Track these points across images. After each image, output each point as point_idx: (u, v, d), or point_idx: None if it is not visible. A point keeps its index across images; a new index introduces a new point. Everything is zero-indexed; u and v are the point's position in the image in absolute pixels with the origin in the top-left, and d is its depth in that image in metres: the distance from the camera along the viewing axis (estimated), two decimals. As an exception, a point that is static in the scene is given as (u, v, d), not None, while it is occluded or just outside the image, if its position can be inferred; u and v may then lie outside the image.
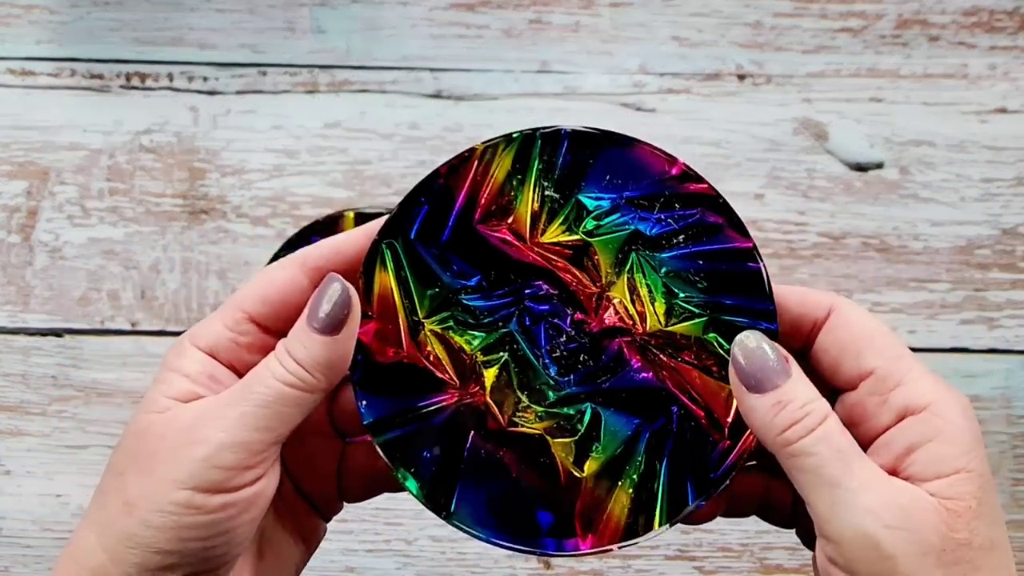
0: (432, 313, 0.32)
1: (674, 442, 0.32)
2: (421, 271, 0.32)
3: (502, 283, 0.33)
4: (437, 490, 0.32)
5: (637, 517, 0.32)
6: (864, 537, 0.26)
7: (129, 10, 0.59)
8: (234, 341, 0.29)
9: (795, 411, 0.27)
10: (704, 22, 0.59)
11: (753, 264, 0.31)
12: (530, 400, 0.33)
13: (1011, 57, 0.59)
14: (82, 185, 0.58)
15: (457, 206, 0.33)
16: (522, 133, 0.32)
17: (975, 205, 0.58)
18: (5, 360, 0.57)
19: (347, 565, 0.56)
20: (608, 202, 0.32)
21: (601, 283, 0.33)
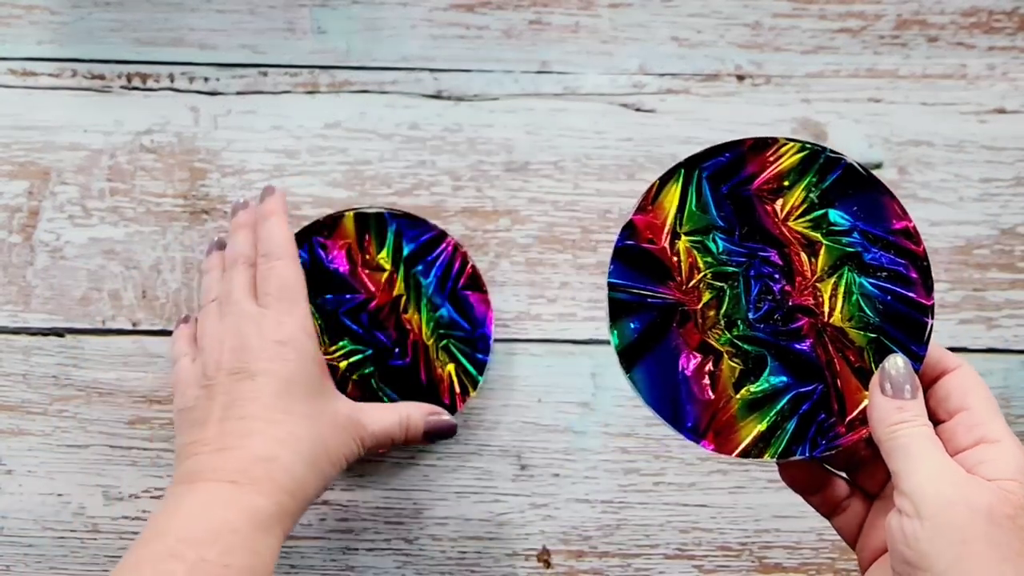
0: (691, 232, 0.42)
1: (808, 409, 0.41)
2: (700, 199, 0.42)
3: (749, 237, 0.42)
4: (629, 352, 0.42)
5: (755, 447, 0.41)
6: (936, 492, 0.35)
7: (130, 11, 0.59)
8: None
9: (906, 415, 0.37)
10: (703, 22, 0.59)
11: (925, 318, 0.41)
12: (725, 325, 0.42)
13: (1010, 57, 0.59)
14: (83, 185, 0.58)
15: (746, 171, 0.42)
16: (815, 146, 0.42)
17: (974, 205, 0.58)
18: (6, 360, 0.57)
19: (347, 564, 0.56)
20: (847, 224, 0.42)
21: (815, 274, 0.42)
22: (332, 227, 0.53)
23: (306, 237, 0.53)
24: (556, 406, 0.56)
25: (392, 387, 0.53)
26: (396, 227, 0.53)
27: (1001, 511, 0.34)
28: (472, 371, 0.53)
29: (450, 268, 0.53)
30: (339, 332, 0.53)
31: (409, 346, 0.53)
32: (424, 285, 0.53)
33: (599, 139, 0.58)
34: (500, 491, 0.56)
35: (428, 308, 0.53)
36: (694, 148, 0.57)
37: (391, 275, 0.53)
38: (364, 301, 0.53)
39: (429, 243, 0.53)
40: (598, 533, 0.56)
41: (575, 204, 0.58)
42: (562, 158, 0.58)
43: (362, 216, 0.53)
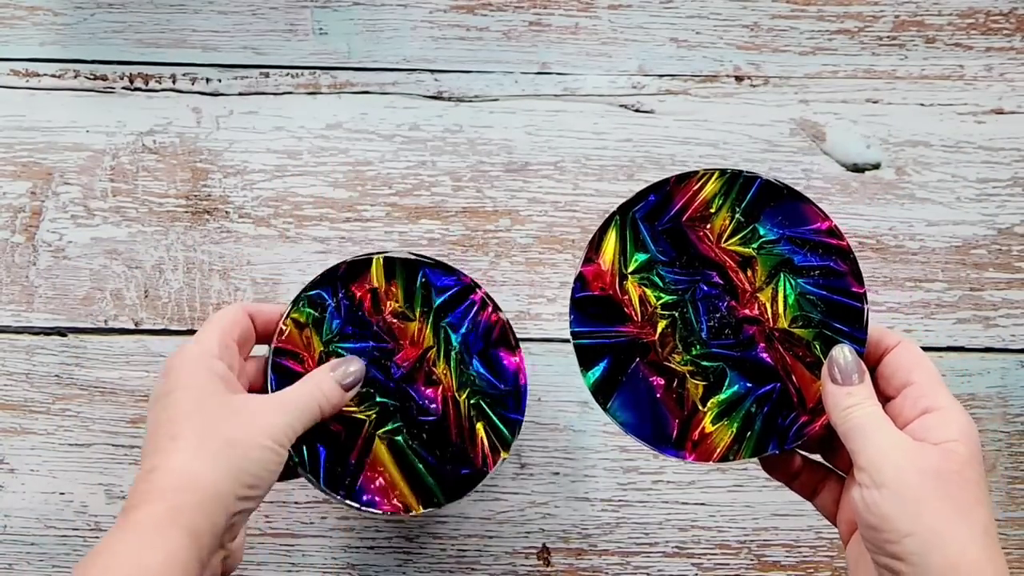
0: (636, 272, 0.46)
1: (770, 407, 0.45)
2: (638, 240, 0.46)
3: (689, 265, 0.46)
4: (603, 389, 0.46)
5: (731, 450, 0.45)
6: (887, 461, 0.38)
7: (132, 12, 0.59)
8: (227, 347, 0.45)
9: (855, 399, 0.41)
10: (702, 24, 0.59)
11: (861, 305, 0.45)
12: (683, 348, 0.46)
13: (1007, 58, 0.59)
14: (85, 185, 0.58)
15: (675, 206, 0.46)
16: (731, 170, 0.46)
17: (971, 205, 0.58)
18: (9, 359, 0.57)
19: (348, 562, 0.56)
20: (775, 234, 0.46)
21: (754, 286, 0.46)
22: (358, 272, 0.49)
23: (331, 281, 0.48)
24: (556, 405, 0.57)
25: (421, 444, 0.48)
26: (424, 277, 0.49)
27: (947, 468, 0.38)
28: (503, 430, 0.48)
29: (478, 323, 0.49)
30: (365, 383, 0.48)
31: (439, 400, 0.48)
32: (454, 338, 0.49)
33: (598, 140, 0.59)
34: (500, 489, 0.56)
35: (458, 362, 0.49)
36: (693, 148, 0.58)
37: (420, 325, 0.49)
38: (391, 351, 0.48)
39: (459, 295, 0.49)
40: (598, 531, 0.56)
41: (575, 204, 0.58)
42: (562, 158, 0.58)
43: (391, 262, 0.49)
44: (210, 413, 0.42)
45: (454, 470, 0.48)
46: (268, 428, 0.42)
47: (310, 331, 0.48)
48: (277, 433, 0.43)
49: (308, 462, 0.46)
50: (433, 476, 0.47)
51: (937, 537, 0.37)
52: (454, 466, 0.48)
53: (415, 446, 0.48)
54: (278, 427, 0.43)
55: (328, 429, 0.47)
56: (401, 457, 0.48)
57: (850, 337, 0.44)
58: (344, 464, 0.47)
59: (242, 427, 0.42)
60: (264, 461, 0.42)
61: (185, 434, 0.41)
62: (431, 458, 0.48)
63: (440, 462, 0.48)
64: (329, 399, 0.45)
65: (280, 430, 0.43)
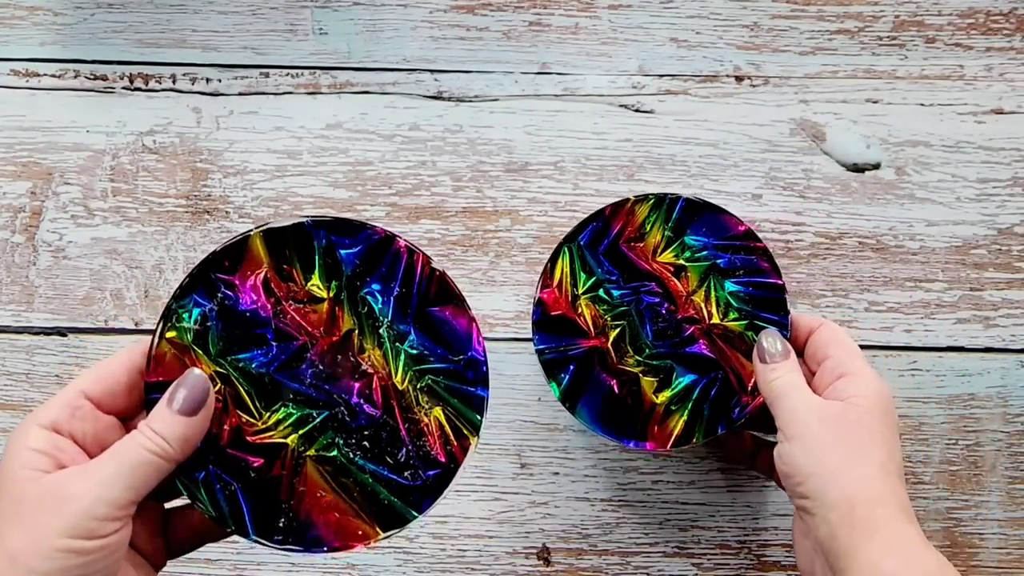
0: (586, 292, 0.51)
1: (716, 393, 0.49)
2: (585, 264, 0.51)
3: (631, 279, 0.51)
4: (570, 395, 0.49)
5: (684, 435, 0.49)
6: (795, 414, 0.43)
7: (132, 12, 0.59)
8: (72, 415, 0.36)
9: (779, 372, 0.46)
10: (702, 24, 0.59)
11: (780, 295, 0.50)
12: (633, 352, 0.50)
13: (1007, 58, 0.59)
14: (85, 185, 0.58)
15: (613, 230, 0.51)
16: (657, 195, 0.51)
17: (971, 205, 0.58)
18: (9, 359, 0.57)
19: (348, 562, 0.56)
20: (700, 243, 0.51)
21: (688, 290, 0.51)
22: (236, 256, 0.39)
23: (203, 277, 0.39)
24: (556, 405, 0.57)
25: (365, 455, 0.39)
26: (325, 240, 0.39)
27: (847, 417, 0.42)
28: (466, 411, 0.40)
29: (409, 281, 0.40)
30: (276, 396, 0.39)
31: (376, 395, 0.39)
32: (379, 310, 0.40)
33: (598, 140, 0.59)
34: (500, 489, 0.56)
35: (391, 339, 0.40)
36: (693, 148, 0.58)
37: (332, 305, 0.39)
38: (301, 348, 0.39)
39: (373, 253, 0.40)
40: (598, 531, 0.56)
41: (575, 204, 0.58)
42: (562, 159, 0.58)
43: (274, 233, 0.39)
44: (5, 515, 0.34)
45: (416, 475, 0.39)
46: (71, 517, 0.33)
47: (192, 350, 0.38)
48: (82, 521, 0.33)
49: (229, 512, 0.38)
50: (390, 489, 0.39)
51: (833, 475, 0.41)
52: (414, 471, 0.39)
53: (357, 459, 0.39)
54: (85, 510, 0.33)
55: (242, 466, 0.38)
56: (343, 476, 0.39)
57: (775, 323, 0.50)
58: (273, 503, 0.38)
59: (30, 529, 0.33)
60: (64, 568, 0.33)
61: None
62: (382, 468, 0.39)
63: (395, 470, 0.39)
64: (166, 438, 0.35)
65: (88, 513, 0.33)
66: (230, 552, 0.56)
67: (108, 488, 0.34)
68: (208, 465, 0.38)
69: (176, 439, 0.36)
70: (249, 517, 0.38)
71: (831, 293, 0.58)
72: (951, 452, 0.57)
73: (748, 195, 0.58)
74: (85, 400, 0.36)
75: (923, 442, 0.57)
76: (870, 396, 0.43)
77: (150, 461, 0.35)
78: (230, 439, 0.38)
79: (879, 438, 0.42)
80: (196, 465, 0.37)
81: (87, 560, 0.33)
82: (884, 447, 0.42)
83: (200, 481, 0.37)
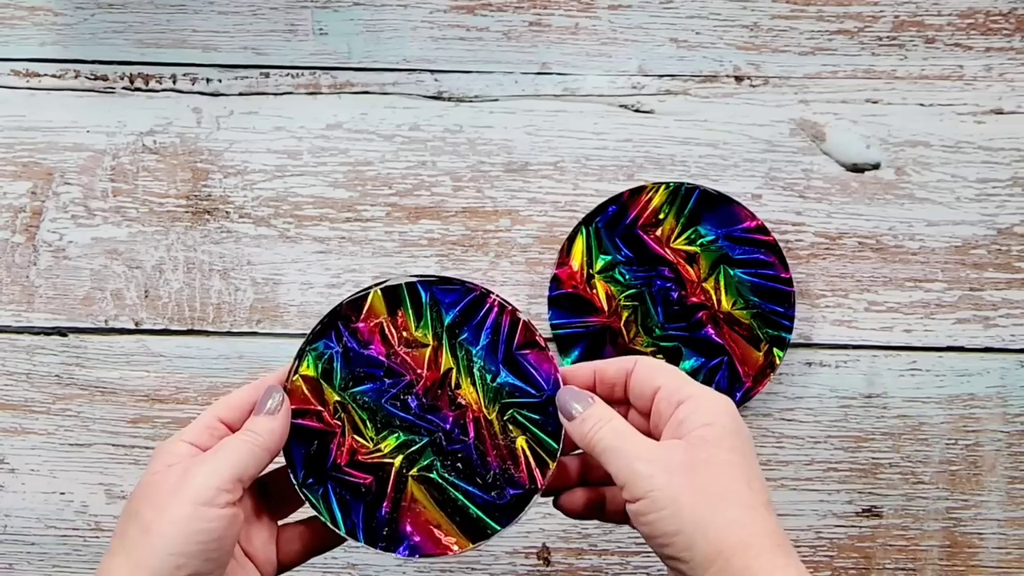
0: (601, 271, 0.56)
1: (720, 377, 0.55)
2: (600, 245, 0.56)
3: (645, 263, 0.56)
4: None
5: None
6: (633, 471, 0.39)
7: (133, 12, 0.59)
8: (210, 433, 0.43)
9: (593, 423, 0.42)
10: (702, 24, 0.59)
11: (789, 288, 0.55)
12: (644, 333, 0.56)
13: (1007, 58, 0.59)
14: (86, 185, 0.58)
15: (630, 215, 0.56)
16: (674, 183, 0.56)
17: (971, 205, 0.58)
18: (10, 359, 0.57)
19: (348, 562, 0.56)
20: (713, 234, 0.56)
21: (700, 277, 0.56)
22: (359, 308, 0.46)
23: (332, 325, 0.46)
24: (556, 405, 0.57)
25: (458, 475, 0.45)
26: (430, 297, 0.47)
27: (694, 459, 0.39)
28: (546, 439, 0.45)
29: (498, 329, 0.46)
30: (387, 423, 0.46)
31: (470, 424, 0.46)
32: (474, 353, 0.46)
33: (598, 140, 0.59)
34: (500, 489, 0.56)
35: (482, 378, 0.46)
36: (692, 148, 0.58)
37: (435, 349, 0.46)
38: (408, 384, 0.46)
39: (471, 307, 0.47)
40: (598, 531, 0.56)
41: (575, 204, 0.58)
42: (562, 158, 0.58)
43: (391, 291, 0.47)
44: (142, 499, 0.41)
45: (500, 494, 0.45)
46: (191, 489, 0.40)
47: (320, 384, 0.46)
48: (199, 492, 0.40)
49: (343, 521, 0.45)
50: (478, 506, 0.45)
51: (698, 529, 0.37)
52: (499, 491, 0.45)
53: (452, 479, 0.45)
54: (201, 483, 0.40)
55: (355, 482, 0.45)
56: (439, 493, 0.45)
57: (782, 315, 0.55)
58: (378, 514, 0.45)
59: (161, 505, 0.40)
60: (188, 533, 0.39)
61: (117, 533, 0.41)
62: (472, 488, 0.45)
63: (483, 489, 0.45)
64: (256, 432, 0.43)
65: (204, 484, 0.40)
66: (230, 552, 0.56)
67: (218, 467, 0.40)
68: (328, 481, 0.45)
69: (264, 431, 0.42)
70: (360, 526, 0.45)
71: (831, 293, 0.58)
72: (951, 452, 0.57)
73: (748, 195, 0.58)
74: (219, 423, 0.43)
75: (923, 442, 0.57)
76: (715, 421, 0.39)
77: (247, 447, 0.42)
78: (347, 459, 0.45)
79: (735, 470, 0.39)
80: (319, 481, 0.45)
81: (206, 528, 0.39)
82: (742, 479, 0.39)
83: (320, 495, 0.44)
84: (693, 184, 0.55)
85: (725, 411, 0.40)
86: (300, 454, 0.45)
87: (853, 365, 0.57)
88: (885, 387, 0.57)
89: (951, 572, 0.57)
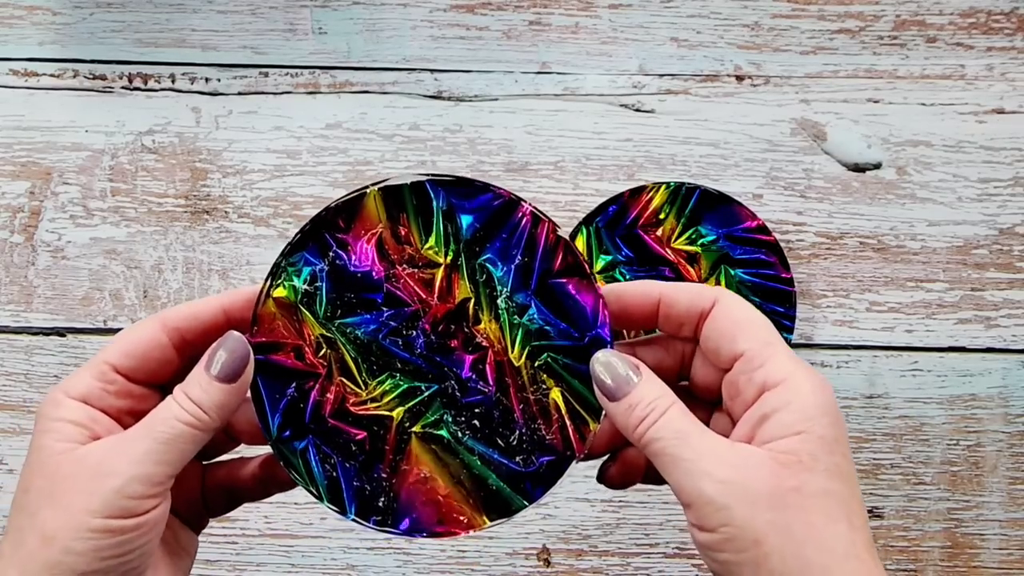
0: (602, 271, 0.55)
1: None
2: (602, 244, 0.55)
3: (646, 263, 0.55)
4: None
5: None
6: (702, 495, 0.30)
7: (131, 12, 0.59)
8: (103, 390, 0.33)
9: (643, 410, 0.32)
10: (702, 23, 0.59)
11: (790, 288, 0.55)
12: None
13: (1008, 58, 0.59)
14: (85, 185, 0.58)
15: (630, 215, 0.55)
16: (675, 183, 0.55)
17: (972, 205, 0.58)
18: (8, 359, 0.57)
19: (348, 563, 0.56)
20: (714, 234, 0.56)
21: (701, 277, 0.55)
22: (351, 214, 0.36)
23: (317, 234, 0.36)
24: (556, 405, 0.57)
25: (475, 435, 0.36)
26: (444, 202, 0.36)
27: (784, 487, 0.30)
28: (587, 394, 0.36)
29: (532, 248, 0.36)
30: (385, 366, 0.36)
31: (490, 370, 0.36)
32: (498, 279, 0.36)
33: (599, 139, 0.58)
34: (500, 490, 0.56)
35: (509, 311, 0.36)
36: (693, 148, 0.58)
37: (448, 271, 0.36)
38: (413, 315, 0.36)
39: (496, 217, 0.36)
40: (598, 532, 0.56)
41: (575, 204, 0.58)
42: (562, 158, 0.58)
43: (392, 191, 0.36)
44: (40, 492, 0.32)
45: (528, 460, 0.36)
46: (105, 496, 0.31)
47: (300, 310, 0.36)
48: (117, 500, 0.31)
49: (327, 488, 0.35)
50: (499, 474, 0.36)
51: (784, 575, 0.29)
52: (526, 456, 0.36)
53: (466, 439, 0.36)
54: (119, 489, 0.31)
55: (344, 439, 0.36)
56: (450, 456, 0.36)
57: (782, 315, 0.55)
58: (374, 480, 0.36)
59: (65, 508, 0.31)
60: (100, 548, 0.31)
61: (10, 530, 0.32)
62: (492, 451, 0.36)
63: (506, 454, 0.36)
64: (202, 406, 0.33)
65: (122, 492, 0.31)
66: (229, 552, 0.56)
67: (143, 465, 0.31)
68: (308, 435, 0.35)
69: (214, 407, 0.33)
70: (348, 494, 0.35)
71: (832, 293, 0.58)
72: (952, 452, 0.57)
73: (749, 195, 0.58)
74: (117, 375, 0.34)
75: (924, 442, 0.57)
76: (810, 429, 0.31)
77: (186, 434, 0.32)
78: (333, 408, 0.35)
79: (834, 504, 0.30)
80: (297, 434, 0.35)
81: (124, 539, 0.31)
82: (842, 516, 0.30)
83: (299, 451, 0.34)
84: (694, 184, 0.55)
85: (824, 410, 0.31)
86: (272, 399, 0.35)
87: (854, 365, 0.57)
88: (886, 387, 0.57)
89: (952, 573, 0.57)
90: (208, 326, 0.35)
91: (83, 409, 0.33)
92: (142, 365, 0.34)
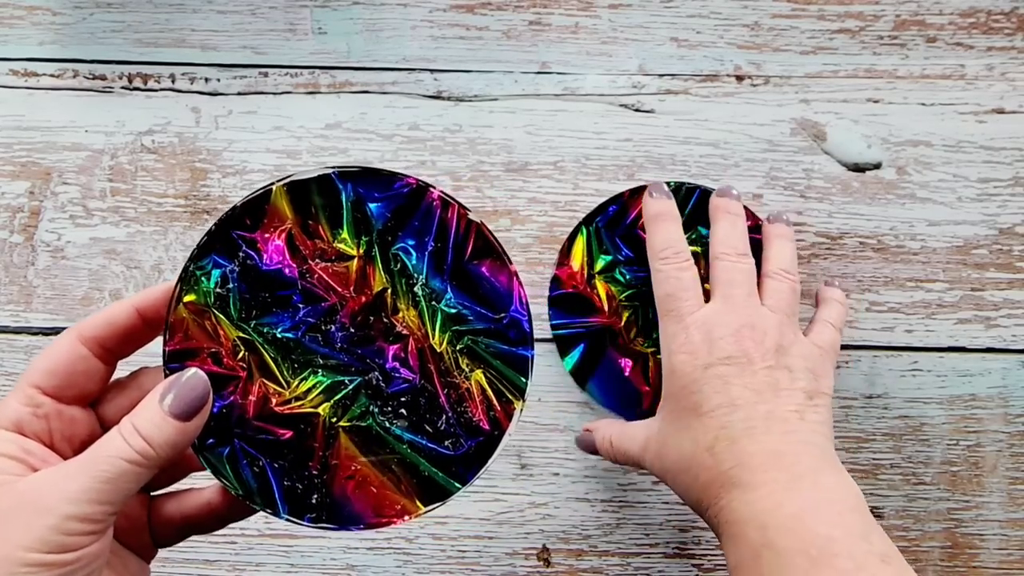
0: (602, 271, 0.55)
1: None
2: (601, 245, 0.55)
3: (645, 264, 0.52)
4: (580, 372, 0.54)
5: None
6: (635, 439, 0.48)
7: (131, 11, 0.59)
8: (33, 414, 0.32)
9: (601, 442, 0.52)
10: (702, 23, 0.59)
11: None
12: (644, 333, 0.54)
13: (1008, 58, 0.59)
14: (84, 185, 0.58)
15: (631, 215, 0.55)
16: (675, 183, 0.55)
17: (972, 205, 0.58)
18: (7, 360, 0.57)
19: (347, 563, 0.56)
20: None
21: (701, 277, 0.51)
22: (257, 212, 0.36)
23: (225, 235, 0.36)
24: (556, 405, 0.57)
25: (402, 424, 0.36)
26: (352, 193, 0.36)
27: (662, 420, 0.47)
28: (509, 373, 0.37)
29: (444, 235, 0.37)
30: (306, 363, 0.36)
31: (413, 358, 0.36)
32: (412, 267, 0.36)
33: (599, 139, 0.58)
34: (500, 490, 0.56)
35: (426, 298, 0.36)
36: (693, 148, 0.58)
37: (362, 263, 0.36)
38: (331, 310, 0.36)
39: (406, 205, 0.36)
40: (598, 532, 0.56)
41: (575, 204, 0.58)
42: (562, 158, 0.58)
43: (298, 186, 0.36)
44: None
45: (457, 444, 0.36)
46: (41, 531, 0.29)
47: (213, 314, 0.35)
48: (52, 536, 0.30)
49: (258, 490, 0.35)
50: (429, 460, 0.36)
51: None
52: (455, 439, 0.36)
53: (394, 428, 0.36)
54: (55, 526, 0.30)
55: (270, 439, 0.35)
56: (379, 447, 0.36)
57: None
58: (305, 478, 0.36)
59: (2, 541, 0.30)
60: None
61: None
62: (420, 438, 0.36)
63: (434, 439, 0.36)
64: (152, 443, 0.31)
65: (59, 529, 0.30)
66: (228, 552, 0.56)
67: (80, 505, 0.30)
68: (233, 439, 0.35)
69: (165, 445, 0.31)
70: (279, 495, 0.35)
71: (832, 293, 0.58)
72: (952, 453, 0.57)
73: (749, 195, 0.58)
74: (44, 397, 0.33)
75: (924, 443, 0.57)
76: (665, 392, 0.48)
77: (129, 472, 0.31)
78: (256, 411, 0.35)
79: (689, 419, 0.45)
80: (221, 440, 0.35)
81: (63, 572, 0.30)
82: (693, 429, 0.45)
83: (225, 457, 0.34)
84: (694, 184, 0.55)
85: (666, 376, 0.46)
86: None
87: (854, 365, 0.57)
88: (886, 387, 0.57)
89: (952, 573, 0.57)
90: (124, 330, 0.35)
91: (15, 441, 0.32)
92: (68, 381, 0.33)
